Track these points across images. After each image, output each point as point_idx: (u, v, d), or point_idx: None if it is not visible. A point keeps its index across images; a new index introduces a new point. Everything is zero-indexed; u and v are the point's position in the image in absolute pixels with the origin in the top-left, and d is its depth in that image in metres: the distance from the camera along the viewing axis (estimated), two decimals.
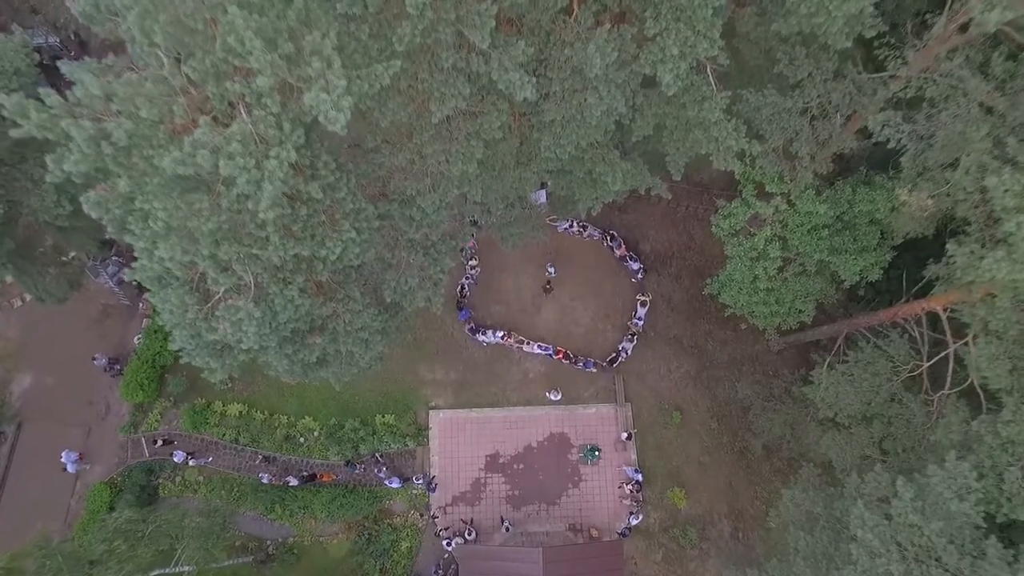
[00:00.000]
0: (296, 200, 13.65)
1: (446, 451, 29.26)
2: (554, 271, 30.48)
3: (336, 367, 20.97)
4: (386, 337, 22.01)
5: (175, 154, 10.72)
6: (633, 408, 29.70)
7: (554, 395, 28.89)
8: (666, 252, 32.11)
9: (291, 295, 15.24)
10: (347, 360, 21.04)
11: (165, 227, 11.92)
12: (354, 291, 18.18)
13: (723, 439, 29.63)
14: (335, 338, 19.18)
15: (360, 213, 14.76)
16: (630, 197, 32.78)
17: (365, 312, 18.80)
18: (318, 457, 29.67)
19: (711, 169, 33.38)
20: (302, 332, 18.32)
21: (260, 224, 13.01)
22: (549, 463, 28.98)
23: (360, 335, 19.25)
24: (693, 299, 31.37)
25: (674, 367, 30.45)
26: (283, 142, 11.29)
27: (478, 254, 30.94)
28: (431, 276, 19.72)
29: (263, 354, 17.64)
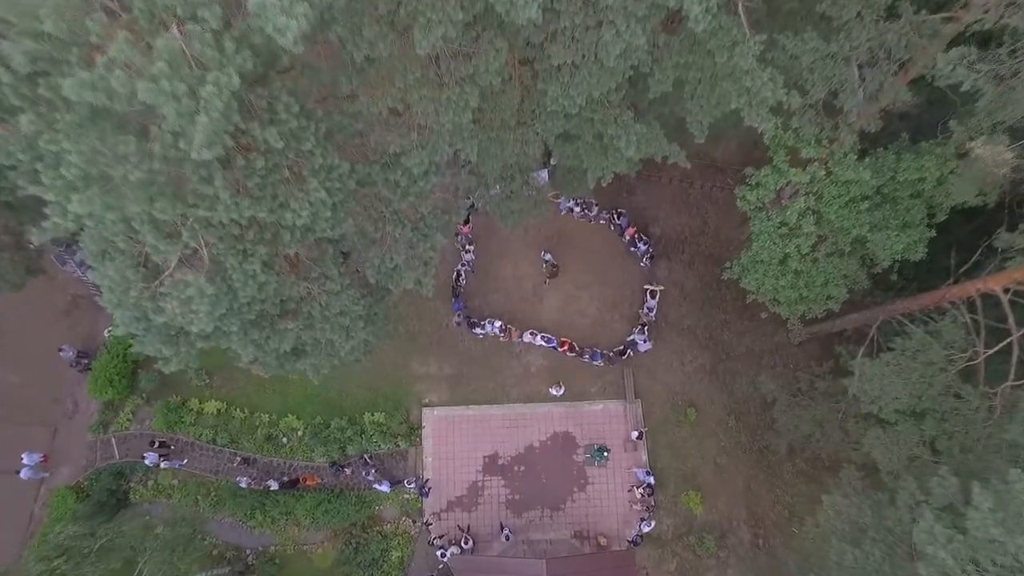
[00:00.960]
0: (251, 150, 11.32)
1: (440, 452, 26.94)
2: (551, 258, 28.09)
3: (315, 358, 18.65)
4: (371, 325, 19.67)
5: (82, 76, 8.39)
6: (644, 404, 27.38)
7: (557, 390, 26.57)
8: (678, 237, 29.79)
9: (252, 270, 12.91)
10: (327, 350, 18.74)
11: (82, 176, 9.57)
12: (331, 269, 15.84)
13: (741, 438, 27.32)
14: (311, 324, 16.84)
15: (332, 171, 12.41)
16: (639, 176, 30.55)
17: (345, 294, 16.46)
18: (302, 458, 27.36)
19: (726, 147, 31.22)
20: (271, 316, 15.97)
21: (205, 177, 10.69)
22: (553, 465, 26.67)
23: (339, 321, 16.91)
24: (707, 287, 29.07)
25: (688, 360, 28.13)
26: (224, 65, 8.96)
27: (475, 240, 28.58)
28: (420, 254, 17.38)
29: (225, 340, 15.29)
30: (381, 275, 17.06)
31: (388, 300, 20.16)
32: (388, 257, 16.58)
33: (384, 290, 19.36)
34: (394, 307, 28.12)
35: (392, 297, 20.28)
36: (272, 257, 13.80)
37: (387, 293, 19.88)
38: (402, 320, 28.53)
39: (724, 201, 30.39)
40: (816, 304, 22.70)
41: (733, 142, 30.95)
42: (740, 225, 29.77)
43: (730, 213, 30.17)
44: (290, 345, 17.86)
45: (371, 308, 18.91)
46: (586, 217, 29.23)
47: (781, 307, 24.06)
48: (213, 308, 12.38)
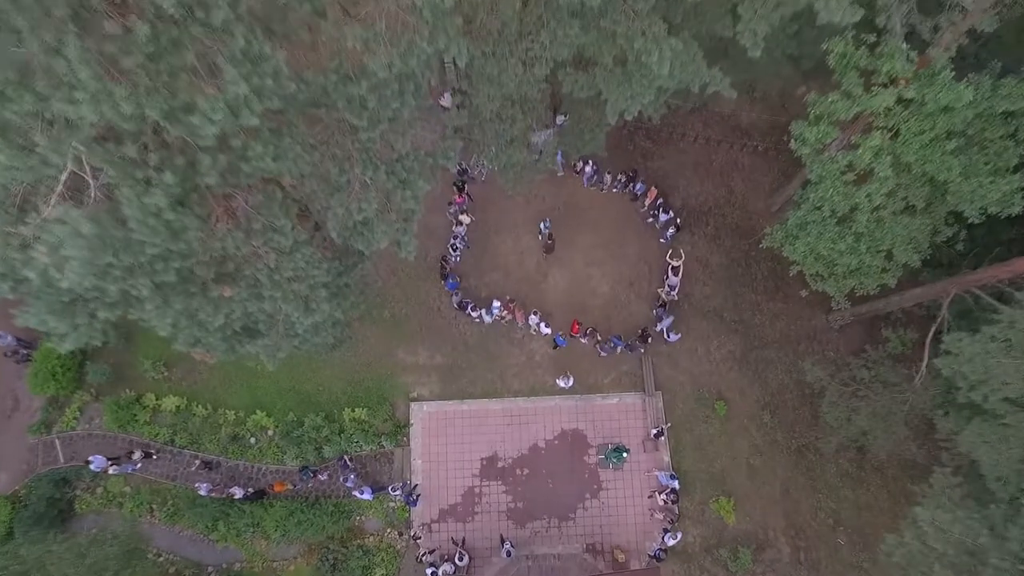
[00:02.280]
0: (130, 13, 7.76)
1: (431, 453, 23.36)
2: (549, 227, 24.50)
3: (270, 338, 15.08)
4: (339, 298, 16.08)
5: None
6: (665, 397, 23.82)
7: (565, 381, 22.97)
8: (701, 208, 26.21)
9: (155, 205, 9.33)
10: (285, 329, 15.17)
11: None
12: (280, 219, 12.28)
13: (777, 435, 23.75)
14: (258, 293, 13.27)
15: (261, 64, 8.81)
16: (658, 138, 27.02)
17: (299, 253, 12.89)
18: (272, 461, 23.79)
19: (753, 109, 27.68)
20: (202, 281, 12.40)
21: (53, 45, 7.12)
22: (561, 467, 23.09)
23: (294, 289, 13.34)
24: (735, 263, 25.51)
25: (714, 347, 24.54)
26: None
27: (470, 212, 25.00)
28: (398, 206, 13.81)
29: (138, 309, 11.74)
30: (347, 231, 13.47)
31: (361, 268, 16.57)
32: (356, 207, 12.97)
33: (355, 254, 15.78)
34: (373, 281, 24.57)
35: (365, 266, 16.70)
36: (188, 193, 10.21)
37: (360, 260, 16.30)
38: (387, 302, 25.00)
39: (751, 167, 26.89)
40: (870, 278, 19.24)
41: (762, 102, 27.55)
42: (771, 194, 26.33)
43: (759, 181, 26.73)
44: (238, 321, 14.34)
45: (338, 276, 15.32)
46: (598, 183, 25.63)
47: (827, 283, 20.57)
48: (93, 255, 8.80)
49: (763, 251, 25.56)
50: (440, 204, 25.51)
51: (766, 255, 25.60)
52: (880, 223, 16.51)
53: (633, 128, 27.07)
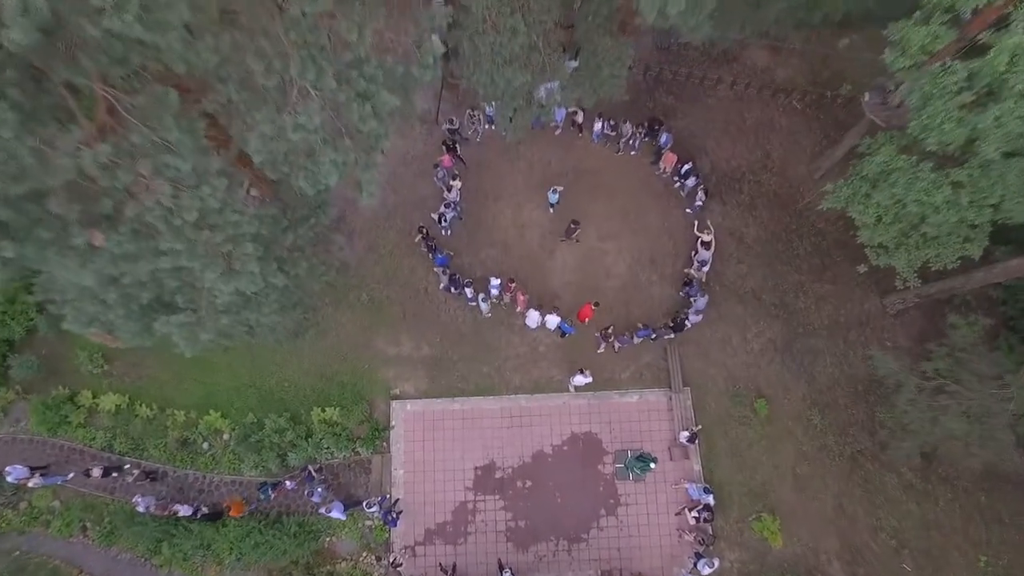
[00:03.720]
0: None
1: (416, 461, 19.58)
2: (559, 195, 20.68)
3: (188, 315, 11.32)
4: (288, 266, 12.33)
5: None
6: (694, 395, 20.02)
7: (583, 378, 19.10)
8: (733, 173, 22.42)
9: None
10: (207, 304, 11.39)
11: None
12: (174, 131, 8.49)
13: (828, 439, 19.94)
14: (155, 245, 9.52)
15: None
16: (682, 92, 23.23)
17: (208, 187, 9.13)
18: (227, 471, 20.02)
19: (789, 63, 23.87)
20: (60, 222, 8.64)
21: None
22: (571, 478, 19.30)
23: (205, 240, 9.58)
24: (774, 237, 21.72)
25: (751, 335, 20.74)
26: None
27: (462, 177, 21.21)
28: (355, 127, 10.04)
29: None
30: (281, 162, 9.68)
31: (315, 225, 12.76)
32: (291, 125, 9.19)
33: (305, 204, 12.01)
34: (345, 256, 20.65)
35: (320, 220, 12.89)
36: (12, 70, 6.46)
37: (313, 213, 12.51)
38: (364, 283, 21.23)
39: (790, 128, 23.12)
40: (949, 248, 15.55)
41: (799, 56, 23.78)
42: (813, 159, 22.58)
43: (799, 144, 22.97)
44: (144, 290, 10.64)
45: (282, 231, 11.55)
46: (614, 139, 21.87)
47: (895, 255, 16.84)
48: None
49: (806, 223, 21.96)
50: (428, 167, 21.76)
51: (809, 229, 21.90)
52: (986, 168, 12.69)
53: (653, 82, 23.32)
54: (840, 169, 21.94)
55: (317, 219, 12.33)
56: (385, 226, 21.82)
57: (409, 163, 22.50)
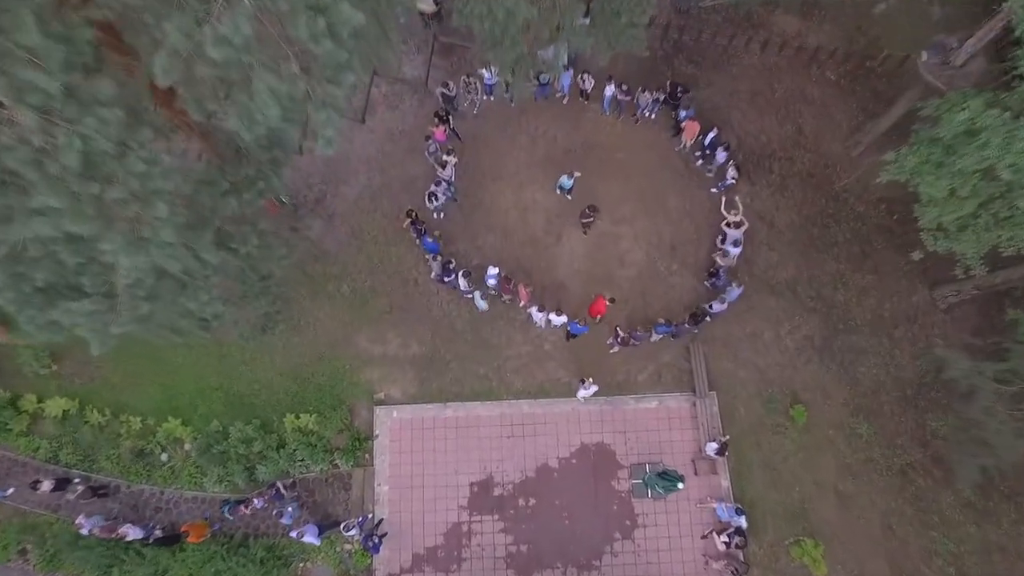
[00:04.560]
0: None
1: (402, 476, 17.10)
2: (571, 182, 18.17)
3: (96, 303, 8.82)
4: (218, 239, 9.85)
5: None
6: (721, 399, 17.53)
7: (586, 388, 16.65)
8: (762, 150, 19.93)
9: None
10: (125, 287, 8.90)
11: None
12: (22, 18, 5.96)
13: (874, 451, 17.44)
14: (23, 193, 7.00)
15: None
16: (703, 60, 20.73)
17: (92, 118, 6.61)
18: (188, 485, 17.56)
19: (821, 30, 21.32)
20: None
21: None
22: (580, 496, 16.82)
23: (92, 193, 7.07)
24: (809, 222, 19.23)
25: (786, 332, 18.25)
26: None
27: (457, 153, 18.71)
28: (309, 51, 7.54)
29: None
30: (201, 91, 7.17)
31: (263, 188, 10.22)
32: (212, 38, 6.68)
33: (246, 156, 9.49)
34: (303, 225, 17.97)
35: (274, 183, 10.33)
36: None
37: (264, 174, 9.99)
38: (347, 272, 18.78)
39: (823, 101, 20.61)
40: None
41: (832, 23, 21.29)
42: (850, 135, 20.08)
43: (833, 119, 20.45)
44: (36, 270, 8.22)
45: (210, 190, 9.04)
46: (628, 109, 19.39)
47: (960, 239, 14.35)
48: None
49: (844, 207, 19.50)
50: (419, 143, 19.28)
51: (847, 213, 19.41)
52: None
53: (671, 48, 20.83)
54: (880, 146, 19.56)
55: (268, 183, 9.85)
56: (370, 209, 19.35)
57: (397, 139, 20.02)
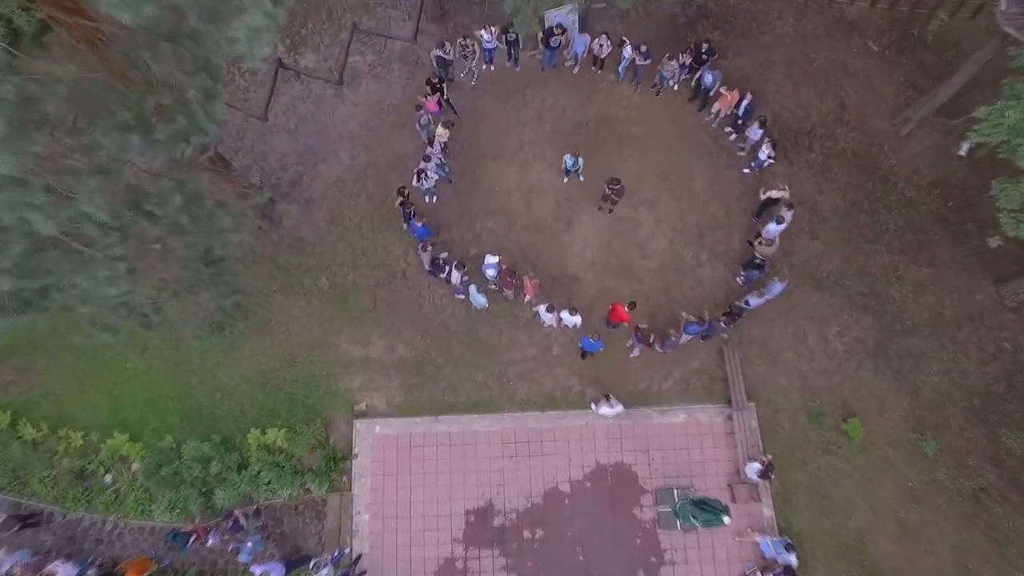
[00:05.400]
0: None
1: (386, 503, 14.49)
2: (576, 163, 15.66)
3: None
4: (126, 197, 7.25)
5: None
6: (761, 412, 14.95)
7: (609, 407, 14.00)
8: (800, 126, 17.51)
9: None
10: None
11: None
12: None
13: (940, 472, 14.87)
14: None
15: None
16: (731, 28, 18.35)
17: None
18: (133, 513, 14.93)
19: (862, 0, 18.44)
20: None
21: None
22: (596, 527, 14.21)
23: None
24: (856, 208, 16.78)
25: (834, 333, 15.72)
26: None
27: (451, 124, 16.26)
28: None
29: None
30: None
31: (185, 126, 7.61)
32: None
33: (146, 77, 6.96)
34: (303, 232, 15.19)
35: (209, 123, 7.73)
36: None
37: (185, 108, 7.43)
38: (325, 264, 16.28)
39: (866, 74, 18.23)
40: None
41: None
42: (897, 111, 17.71)
43: (878, 93, 18.09)
44: None
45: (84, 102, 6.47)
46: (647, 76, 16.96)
47: None
48: None
49: (894, 191, 17.07)
50: (408, 118, 16.87)
51: (897, 198, 16.98)
52: None
53: (695, 14, 18.47)
54: (932, 125, 17.21)
55: (191, 120, 7.27)
56: (352, 192, 16.89)
57: (385, 113, 17.59)
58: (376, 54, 18.19)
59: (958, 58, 17.87)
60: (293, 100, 17.93)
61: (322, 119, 17.66)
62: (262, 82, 18.06)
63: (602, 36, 16.12)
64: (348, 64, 18.03)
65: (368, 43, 18.30)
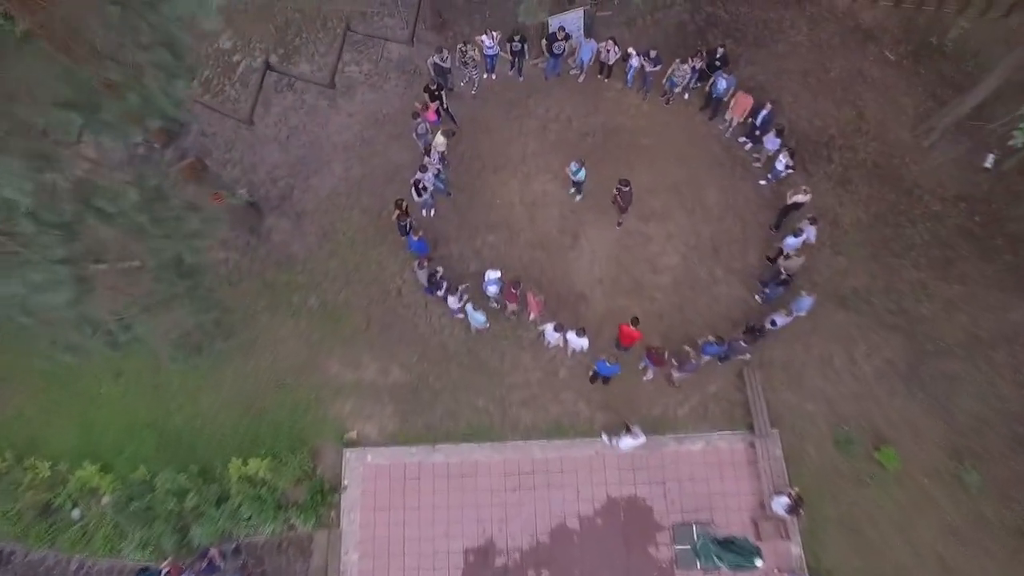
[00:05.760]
0: None
1: (377, 540, 13.22)
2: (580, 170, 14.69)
3: None
4: None
5: None
6: (785, 439, 13.76)
7: (634, 438, 12.70)
8: (818, 136, 16.66)
9: None
10: None
11: None
12: None
13: (983, 505, 13.60)
14: None
15: None
16: (743, 37, 17.66)
17: None
18: (102, 551, 13.68)
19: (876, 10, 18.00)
20: None
21: None
22: (607, 567, 12.92)
23: None
24: (880, 221, 15.82)
25: (861, 354, 14.60)
26: None
27: (452, 133, 15.41)
28: None
29: None
30: None
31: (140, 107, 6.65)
32: None
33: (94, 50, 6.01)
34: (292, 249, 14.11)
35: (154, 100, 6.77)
36: None
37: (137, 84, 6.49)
38: (315, 282, 15.27)
39: (884, 83, 17.47)
40: None
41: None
42: (918, 121, 16.93)
43: (897, 103, 17.33)
44: None
45: None
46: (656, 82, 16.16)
47: None
48: None
49: (918, 204, 16.15)
50: (405, 128, 16.05)
51: (922, 211, 16.06)
52: None
53: (704, 22, 17.79)
54: (955, 136, 16.41)
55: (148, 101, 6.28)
56: (346, 206, 15.98)
57: (381, 123, 16.78)
58: (372, 63, 17.46)
59: (977, 68, 17.18)
60: (285, 111, 17.15)
61: (315, 130, 16.84)
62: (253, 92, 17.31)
63: (608, 42, 15.37)
64: (344, 74, 17.29)
65: (364, 52, 17.60)
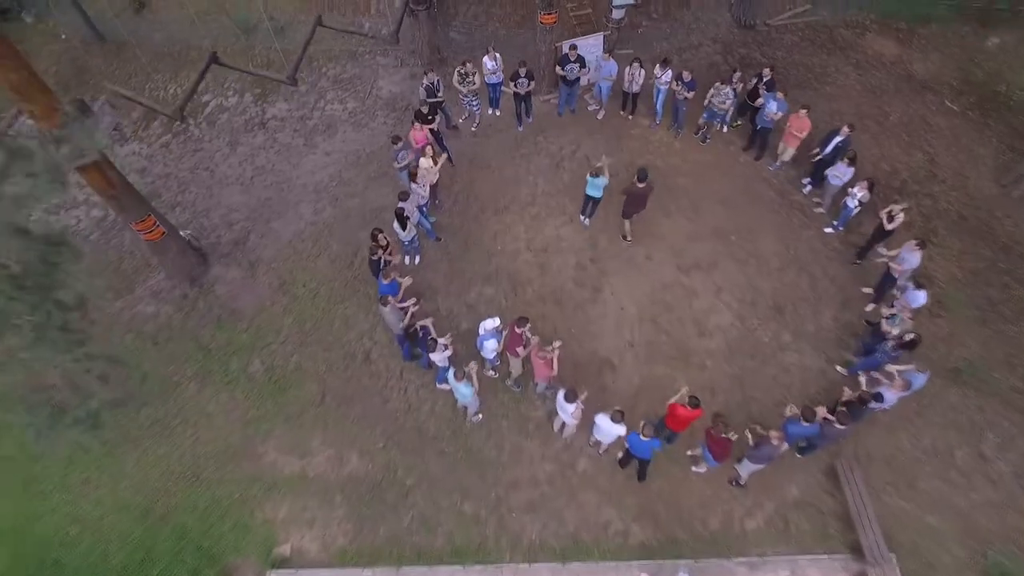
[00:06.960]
0: None
1: None
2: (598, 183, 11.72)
3: None
4: None
5: None
6: (906, 569, 9.49)
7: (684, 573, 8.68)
8: (886, 181, 13.83)
9: None
10: None
11: None
12: None
13: None
14: None
15: None
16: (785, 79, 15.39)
17: None
18: None
19: (929, 62, 15.98)
20: None
21: None
22: None
23: None
24: (980, 279, 12.54)
25: (991, 448, 10.69)
26: None
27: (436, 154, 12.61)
28: None
29: None
30: None
31: None
32: None
33: None
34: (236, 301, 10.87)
35: None
36: None
37: None
38: (262, 341, 11.86)
39: (953, 132, 14.99)
40: None
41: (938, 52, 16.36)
42: (1002, 172, 14.28)
43: (974, 152, 14.76)
44: None
45: None
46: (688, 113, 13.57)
47: None
48: None
49: (1019, 262, 12.86)
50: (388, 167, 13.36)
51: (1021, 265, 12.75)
52: None
53: (738, 63, 15.64)
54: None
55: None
56: (311, 253, 12.92)
57: (363, 163, 14.16)
58: (359, 101, 15.17)
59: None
60: (254, 150, 14.66)
61: (284, 169, 14.21)
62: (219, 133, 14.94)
63: (634, 64, 12.99)
64: (325, 112, 14.97)
65: (350, 90, 15.38)
